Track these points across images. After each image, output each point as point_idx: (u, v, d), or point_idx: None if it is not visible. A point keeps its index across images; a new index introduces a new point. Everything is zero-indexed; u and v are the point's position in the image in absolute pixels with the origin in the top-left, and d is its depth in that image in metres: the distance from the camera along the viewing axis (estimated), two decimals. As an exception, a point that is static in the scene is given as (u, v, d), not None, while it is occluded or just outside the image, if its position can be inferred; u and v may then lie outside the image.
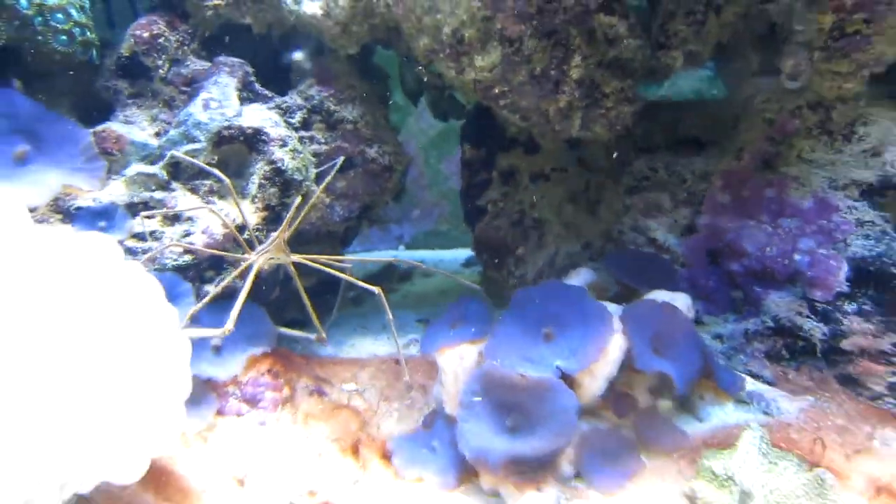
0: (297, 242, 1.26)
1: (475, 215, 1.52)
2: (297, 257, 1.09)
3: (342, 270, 1.13)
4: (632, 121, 1.32)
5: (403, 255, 2.50)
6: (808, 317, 1.08)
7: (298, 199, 1.10)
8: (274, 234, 1.06)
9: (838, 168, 1.16)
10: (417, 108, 1.66)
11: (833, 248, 1.11)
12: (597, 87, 1.28)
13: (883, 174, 1.14)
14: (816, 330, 1.07)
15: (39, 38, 1.09)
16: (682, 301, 1.00)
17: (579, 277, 1.13)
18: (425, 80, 1.41)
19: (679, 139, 1.42)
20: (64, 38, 1.11)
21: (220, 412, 1.04)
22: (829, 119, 1.18)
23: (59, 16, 1.10)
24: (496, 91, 1.26)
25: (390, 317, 1.04)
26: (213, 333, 0.90)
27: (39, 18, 1.08)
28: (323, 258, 1.11)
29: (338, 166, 1.23)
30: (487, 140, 1.52)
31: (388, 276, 1.95)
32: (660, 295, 1.01)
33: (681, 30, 1.26)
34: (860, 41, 1.05)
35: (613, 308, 0.98)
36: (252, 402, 1.05)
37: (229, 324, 0.90)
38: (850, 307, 1.06)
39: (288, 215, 1.10)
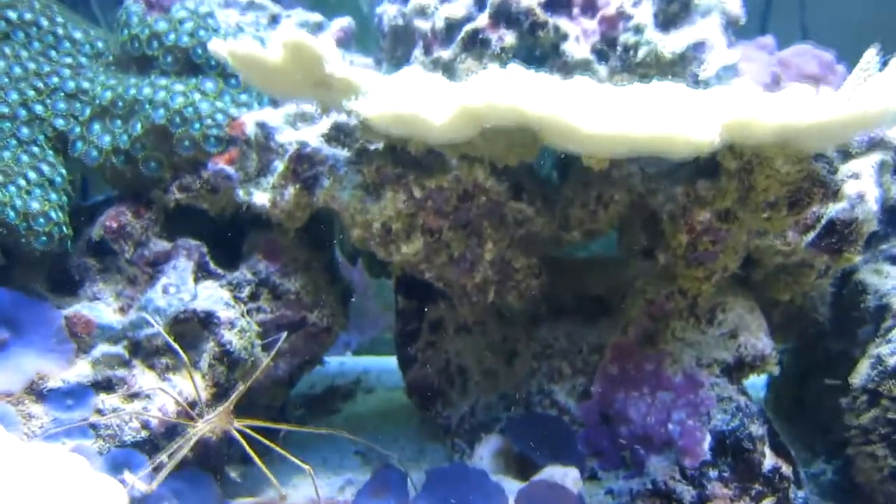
0: (248, 395, 1.43)
1: (407, 362, 1.72)
2: (239, 425, 1.26)
3: (277, 435, 1.31)
4: (539, 291, 1.54)
5: (350, 363, 2.66)
6: (679, 481, 1.29)
7: (242, 387, 1.27)
8: (220, 407, 1.23)
9: (703, 348, 1.39)
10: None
11: (699, 420, 1.33)
12: (508, 263, 1.49)
13: (738, 355, 1.38)
14: (686, 493, 1.28)
15: (23, 241, 1.26)
16: (571, 476, 1.20)
17: (489, 445, 1.33)
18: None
19: (585, 297, 1.64)
20: (44, 239, 1.28)
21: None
22: (695, 304, 1.42)
23: (41, 220, 1.27)
24: (421, 268, 1.46)
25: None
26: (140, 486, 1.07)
27: (24, 224, 1.25)
28: (263, 424, 1.28)
29: (281, 341, 1.41)
30: (419, 292, 1.72)
31: (331, 396, 2.11)
32: (554, 471, 1.21)
33: (578, 214, 1.49)
34: (710, 255, 1.29)
35: (512, 486, 1.17)
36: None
37: (154, 484, 1.06)
38: (712, 473, 1.28)
39: (235, 393, 1.27)
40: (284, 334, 1.41)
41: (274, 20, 1.64)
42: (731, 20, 1.48)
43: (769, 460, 1.28)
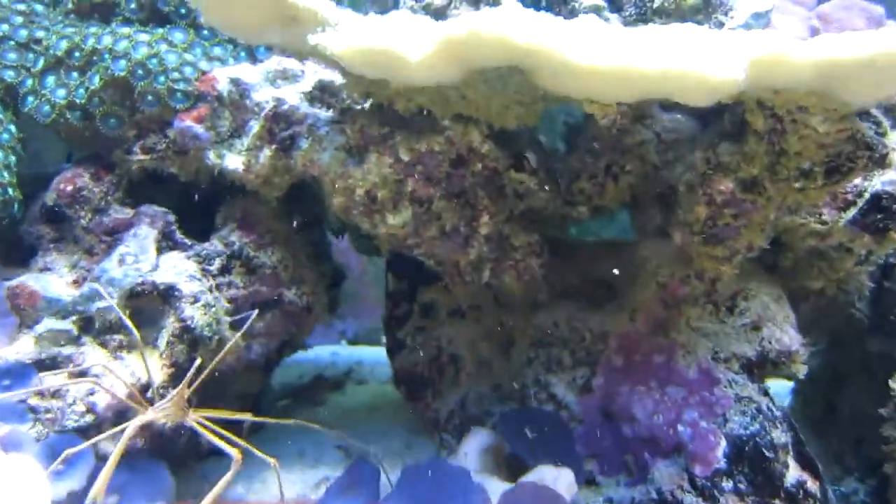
0: (217, 381, 1.29)
1: (395, 348, 1.57)
2: (195, 415, 1.12)
3: (240, 427, 1.17)
4: (540, 272, 1.38)
5: (343, 353, 2.52)
6: (688, 491, 1.13)
7: (199, 361, 1.13)
8: (173, 392, 1.09)
9: (721, 339, 1.23)
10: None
11: (713, 422, 1.17)
12: (506, 239, 1.34)
13: (761, 349, 1.21)
14: (695, 505, 1.12)
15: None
16: (564, 479, 1.05)
17: (476, 441, 1.18)
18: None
19: (593, 281, 1.48)
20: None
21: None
22: (714, 290, 1.26)
23: (-20, 179, 1.14)
24: (409, 243, 1.32)
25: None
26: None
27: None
28: (225, 414, 1.14)
29: (251, 319, 1.27)
30: (411, 272, 1.57)
31: (318, 386, 1.98)
32: (545, 472, 1.06)
33: (585, 188, 1.34)
34: (731, 231, 1.12)
35: (498, 487, 1.03)
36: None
37: (96, 495, 0.92)
38: (726, 485, 1.12)
39: (188, 374, 1.13)
40: (255, 312, 1.27)
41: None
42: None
43: (793, 473, 1.12)
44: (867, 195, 1.09)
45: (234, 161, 1.33)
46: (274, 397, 1.87)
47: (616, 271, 1.37)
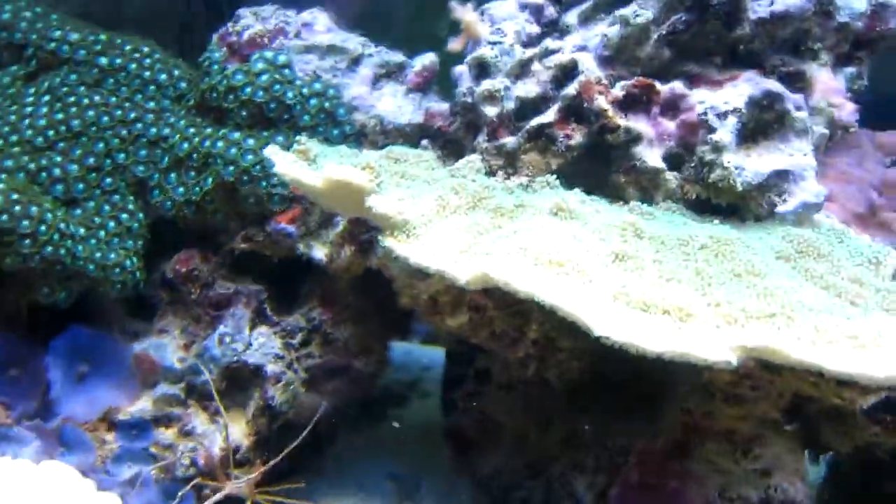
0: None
1: (448, 407, 1.77)
2: (261, 495, 1.38)
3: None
4: (579, 374, 1.53)
5: (416, 352, 2.74)
6: None
7: (261, 467, 1.38)
8: (250, 476, 1.35)
9: (731, 479, 1.35)
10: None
11: (707, 554, 1.31)
12: (552, 342, 1.49)
13: (766, 496, 1.33)
14: None
15: (100, 289, 1.40)
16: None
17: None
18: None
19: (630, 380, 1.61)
20: (119, 287, 1.41)
21: None
22: (734, 431, 1.37)
23: (117, 271, 1.40)
24: (466, 336, 1.50)
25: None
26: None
27: (102, 275, 1.38)
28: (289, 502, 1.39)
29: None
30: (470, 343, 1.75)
31: (383, 401, 2.20)
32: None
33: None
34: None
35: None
36: None
37: None
38: None
39: (256, 472, 1.37)
40: (323, 406, 1.50)
41: (355, 63, 1.63)
42: (840, 127, 1.33)
43: None
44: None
45: (319, 252, 1.53)
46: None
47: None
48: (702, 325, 0.89)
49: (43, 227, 1.29)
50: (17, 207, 1.28)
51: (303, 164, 1.16)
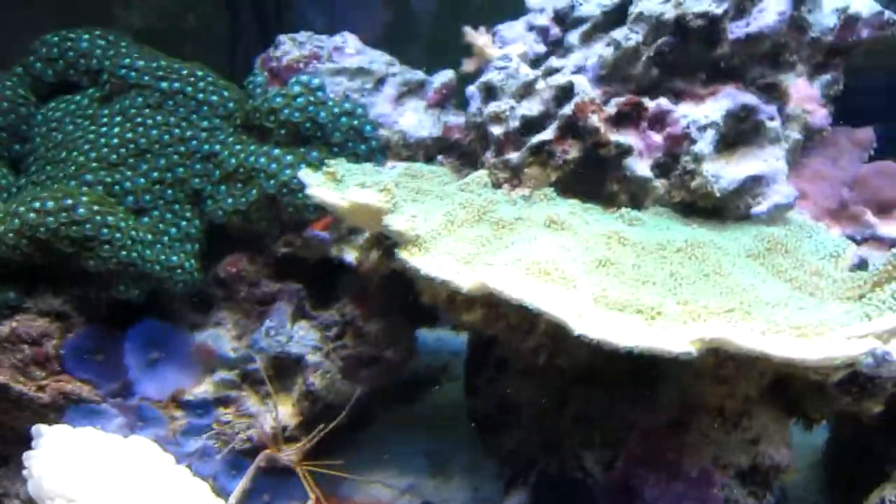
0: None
1: (471, 391, 1.96)
2: (306, 465, 1.58)
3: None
4: (587, 361, 1.69)
5: (446, 337, 2.92)
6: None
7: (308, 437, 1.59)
8: (297, 446, 1.57)
9: (723, 448, 1.51)
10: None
11: (702, 520, 1.48)
12: (560, 333, 1.65)
13: (754, 462, 1.48)
14: None
15: (165, 286, 1.63)
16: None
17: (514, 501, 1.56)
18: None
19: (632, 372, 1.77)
20: (181, 285, 1.64)
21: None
22: (724, 407, 1.52)
23: (179, 271, 1.62)
24: (482, 328, 1.68)
25: None
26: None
27: (166, 275, 1.61)
28: (330, 472, 1.60)
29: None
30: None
31: (414, 384, 2.40)
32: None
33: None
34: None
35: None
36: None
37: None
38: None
39: (305, 442, 1.59)
40: (358, 391, 1.70)
41: (380, 83, 1.82)
42: (814, 132, 1.46)
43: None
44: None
45: (349, 256, 1.74)
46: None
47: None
48: (669, 321, 1.04)
49: (118, 235, 1.51)
50: (99, 217, 1.50)
51: (331, 186, 1.35)
